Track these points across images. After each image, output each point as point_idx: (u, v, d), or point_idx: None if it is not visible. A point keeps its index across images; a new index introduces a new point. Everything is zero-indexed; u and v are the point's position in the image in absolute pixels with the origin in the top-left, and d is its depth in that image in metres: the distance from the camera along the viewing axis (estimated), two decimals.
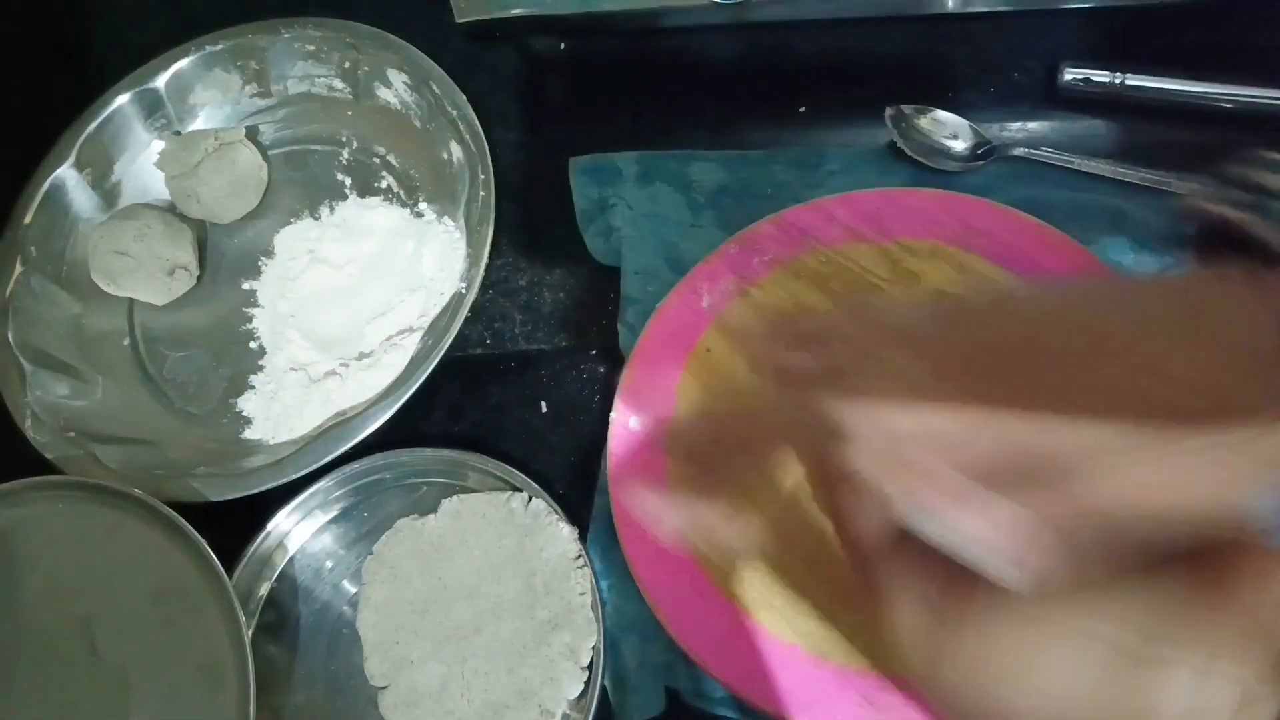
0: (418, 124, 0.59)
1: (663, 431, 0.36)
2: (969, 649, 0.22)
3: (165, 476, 0.50)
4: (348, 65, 0.60)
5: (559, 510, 0.47)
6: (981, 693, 0.22)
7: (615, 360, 0.51)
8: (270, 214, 0.59)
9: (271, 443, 0.52)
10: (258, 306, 0.56)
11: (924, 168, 0.53)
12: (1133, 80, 0.53)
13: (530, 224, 0.56)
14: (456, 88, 0.57)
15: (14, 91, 0.65)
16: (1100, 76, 0.53)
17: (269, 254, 0.57)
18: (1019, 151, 0.52)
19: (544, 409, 0.52)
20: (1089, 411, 0.21)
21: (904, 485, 0.22)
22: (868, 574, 0.25)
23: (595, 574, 0.46)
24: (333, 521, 0.50)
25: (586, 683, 0.44)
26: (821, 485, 0.27)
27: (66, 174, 0.58)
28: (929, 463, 0.22)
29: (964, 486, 0.21)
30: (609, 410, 0.47)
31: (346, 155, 0.60)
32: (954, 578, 0.22)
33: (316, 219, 0.58)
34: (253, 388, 0.54)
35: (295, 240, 0.57)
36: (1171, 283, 0.28)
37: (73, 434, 0.52)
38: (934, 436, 0.22)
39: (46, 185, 0.57)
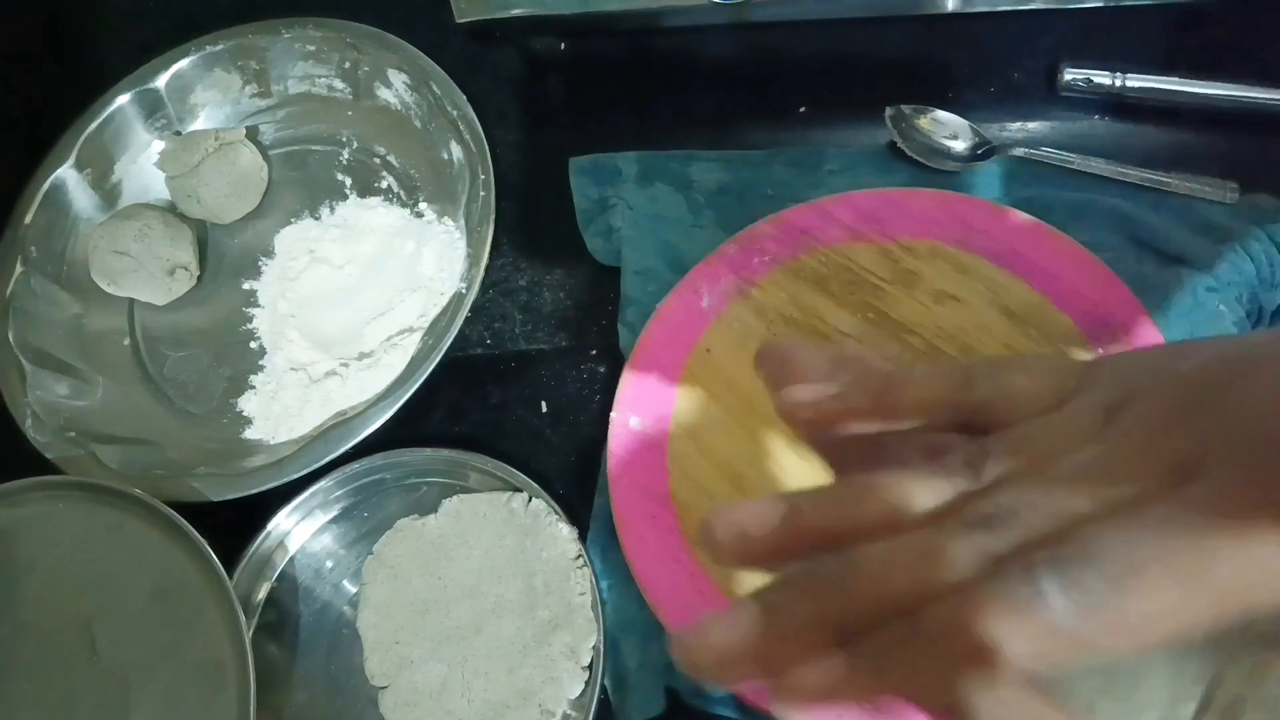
0: (418, 124, 0.59)
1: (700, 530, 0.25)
2: None
3: (165, 476, 0.50)
4: (348, 65, 0.60)
5: (559, 510, 0.47)
6: None
7: (615, 360, 0.51)
8: (270, 214, 0.59)
9: (272, 443, 0.52)
10: (258, 306, 0.56)
11: (924, 168, 0.53)
12: (1133, 80, 0.53)
13: (530, 224, 0.56)
14: (456, 88, 0.57)
15: (14, 91, 0.65)
16: (1100, 76, 0.53)
17: (269, 254, 0.57)
18: (1019, 151, 0.52)
19: (544, 409, 0.52)
20: None
21: None
22: None
23: (595, 574, 0.46)
24: (333, 521, 0.50)
25: (587, 682, 0.44)
26: None
27: (67, 174, 0.58)
28: None
29: None
30: (609, 410, 0.47)
31: (346, 155, 0.60)
32: None
33: (316, 219, 0.58)
34: (253, 388, 0.54)
35: (295, 240, 0.57)
36: None
37: (73, 434, 0.52)
38: None
39: (47, 185, 0.57)
